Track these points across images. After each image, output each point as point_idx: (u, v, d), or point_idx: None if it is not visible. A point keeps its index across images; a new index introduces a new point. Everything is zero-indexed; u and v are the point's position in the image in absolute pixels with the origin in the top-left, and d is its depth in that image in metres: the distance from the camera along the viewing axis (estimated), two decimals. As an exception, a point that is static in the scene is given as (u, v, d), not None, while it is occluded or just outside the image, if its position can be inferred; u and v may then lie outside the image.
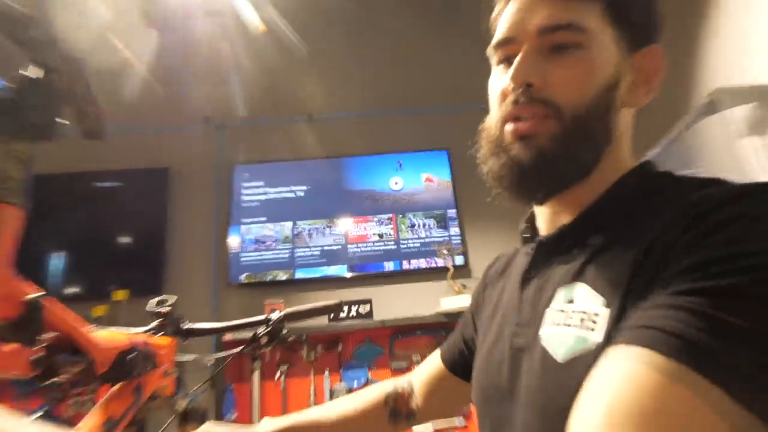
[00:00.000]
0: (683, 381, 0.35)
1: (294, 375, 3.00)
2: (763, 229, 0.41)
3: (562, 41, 0.59)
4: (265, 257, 3.26)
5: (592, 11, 0.59)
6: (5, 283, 0.61)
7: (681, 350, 0.36)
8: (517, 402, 0.59)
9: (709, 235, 0.42)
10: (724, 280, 0.38)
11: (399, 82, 3.77)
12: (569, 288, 0.56)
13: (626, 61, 0.61)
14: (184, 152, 3.55)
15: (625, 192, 0.60)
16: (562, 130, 0.58)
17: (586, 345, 0.49)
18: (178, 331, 1.15)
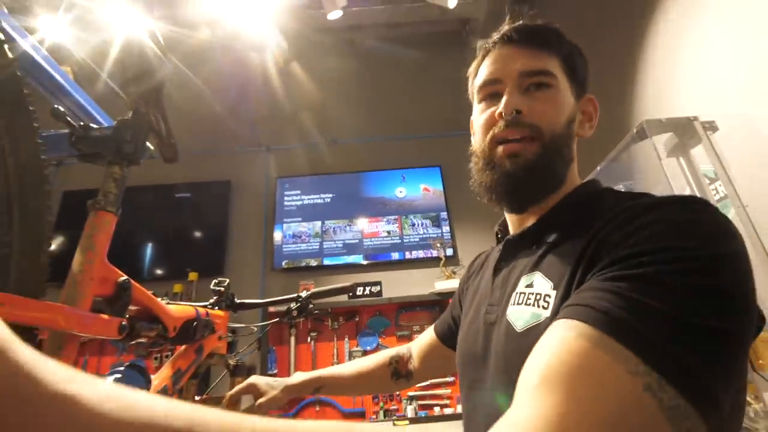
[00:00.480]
0: (604, 346, 0.34)
1: (321, 340, 3.02)
2: (676, 230, 0.41)
3: (538, 82, 0.61)
4: (301, 248, 3.28)
5: (555, 62, 0.62)
6: (102, 269, 0.64)
7: (604, 323, 0.36)
8: (488, 365, 0.59)
9: (635, 233, 0.42)
10: (641, 269, 0.38)
11: (402, 114, 3.78)
12: (529, 276, 0.56)
13: (575, 104, 0.64)
14: (241, 168, 3.58)
15: (575, 201, 0.60)
16: (543, 149, 0.59)
17: (539, 319, 0.50)
18: (231, 305, 1.17)
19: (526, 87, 0.61)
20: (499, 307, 0.60)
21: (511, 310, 0.56)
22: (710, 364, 0.34)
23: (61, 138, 0.71)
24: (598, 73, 2.56)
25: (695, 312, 0.35)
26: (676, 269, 0.38)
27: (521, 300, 0.55)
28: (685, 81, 1.81)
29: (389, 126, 3.74)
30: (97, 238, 0.64)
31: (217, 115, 3.66)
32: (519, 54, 0.62)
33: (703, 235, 0.40)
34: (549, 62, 0.61)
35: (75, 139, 0.71)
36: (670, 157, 1.46)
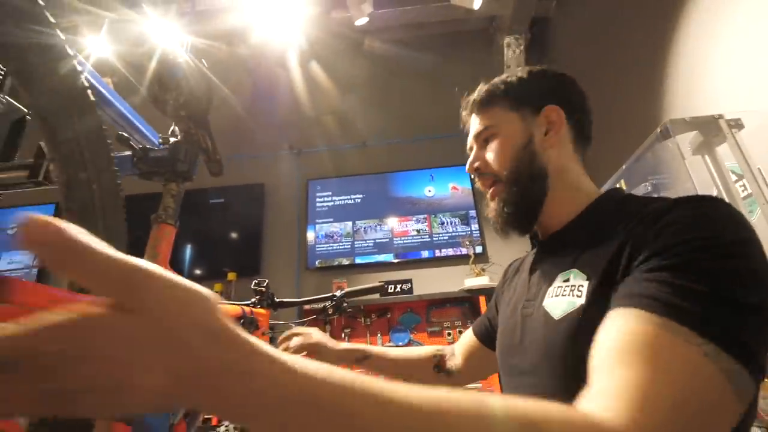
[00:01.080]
0: (663, 326, 0.40)
1: (354, 336, 3.11)
2: (697, 223, 0.47)
3: (485, 137, 0.73)
4: (333, 248, 3.39)
5: (499, 108, 0.73)
6: (166, 274, 0.74)
7: (657, 307, 0.41)
8: (525, 352, 0.63)
9: (663, 230, 0.48)
10: (676, 259, 0.44)
11: (430, 116, 3.81)
12: (566, 273, 0.60)
13: (534, 122, 0.70)
14: (274, 172, 3.73)
15: (600, 208, 0.65)
16: (507, 187, 0.69)
17: (574, 306, 0.55)
18: (271, 303, 1.27)
19: (481, 143, 0.74)
20: (535, 301, 0.65)
21: (548, 302, 0.61)
22: (754, 335, 0.40)
23: (124, 159, 0.81)
24: (625, 73, 2.55)
25: (729, 290, 0.41)
26: (704, 256, 0.43)
27: (558, 293, 0.60)
28: (711, 79, 1.79)
29: (417, 127, 3.79)
30: (160, 248, 0.74)
31: (247, 120, 3.81)
32: (472, 121, 0.77)
33: (720, 225, 0.46)
34: (490, 117, 0.73)
35: (136, 160, 0.81)
36: (696, 155, 1.46)
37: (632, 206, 0.59)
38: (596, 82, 3.03)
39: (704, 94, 1.87)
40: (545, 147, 0.69)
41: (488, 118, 0.73)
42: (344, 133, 3.82)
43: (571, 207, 0.68)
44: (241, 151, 3.75)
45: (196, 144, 0.89)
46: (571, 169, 0.70)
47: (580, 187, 0.70)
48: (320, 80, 3.94)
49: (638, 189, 1.82)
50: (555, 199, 0.68)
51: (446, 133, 3.73)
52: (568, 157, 0.71)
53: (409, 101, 3.91)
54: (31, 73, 0.52)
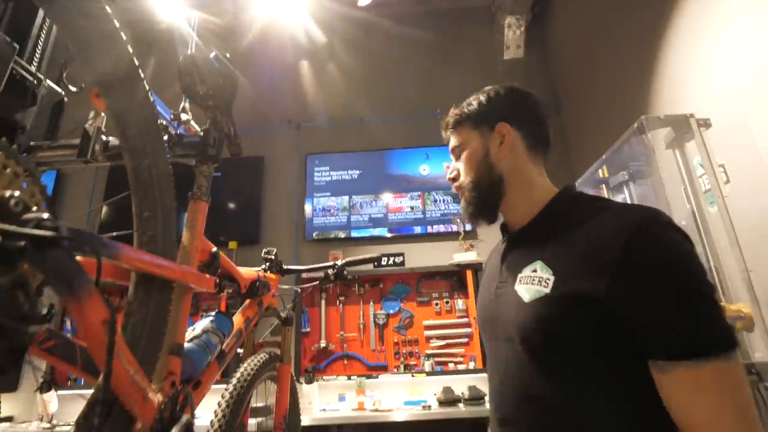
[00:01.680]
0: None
1: (349, 303, 3.31)
2: (653, 251, 0.61)
3: (457, 152, 0.89)
4: (330, 221, 3.54)
5: (465, 128, 0.88)
6: (202, 242, 0.89)
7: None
8: (500, 324, 0.78)
9: (626, 254, 0.61)
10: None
11: (428, 94, 3.90)
12: (533, 263, 0.73)
13: (490, 137, 0.85)
14: (273, 145, 3.83)
15: (557, 206, 0.79)
16: (469, 192, 0.85)
17: (540, 294, 0.69)
18: (280, 269, 1.43)
19: (456, 156, 0.90)
20: (507, 284, 0.79)
21: (518, 287, 0.74)
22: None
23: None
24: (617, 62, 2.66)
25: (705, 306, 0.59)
26: (677, 291, 0.59)
27: (527, 281, 0.73)
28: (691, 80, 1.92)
29: (414, 105, 3.88)
30: (197, 220, 0.89)
31: (249, 94, 3.88)
32: (450, 139, 0.92)
33: (661, 257, 0.61)
34: (459, 135, 0.89)
35: (172, 144, 0.95)
36: (668, 149, 1.61)
37: (584, 209, 0.73)
38: (591, 65, 3.15)
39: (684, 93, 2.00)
40: (500, 157, 0.84)
41: (458, 137, 0.89)
42: (343, 109, 3.91)
43: (530, 204, 0.82)
44: (242, 124, 3.83)
45: (221, 131, 1.02)
46: (525, 172, 0.84)
47: (535, 186, 0.83)
48: (321, 56, 4.00)
49: (617, 176, 1.98)
50: (515, 199, 0.83)
51: (442, 111, 3.83)
52: (523, 162, 0.84)
53: (407, 79, 3.99)
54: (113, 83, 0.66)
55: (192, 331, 0.90)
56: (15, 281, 0.33)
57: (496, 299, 0.81)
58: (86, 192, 3.62)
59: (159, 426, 0.64)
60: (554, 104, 3.83)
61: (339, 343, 3.20)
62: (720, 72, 1.78)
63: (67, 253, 0.41)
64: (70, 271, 0.43)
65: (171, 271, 0.71)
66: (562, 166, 3.57)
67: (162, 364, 0.73)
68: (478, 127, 0.86)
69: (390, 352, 3.16)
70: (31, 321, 0.35)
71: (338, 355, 3.17)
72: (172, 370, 0.74)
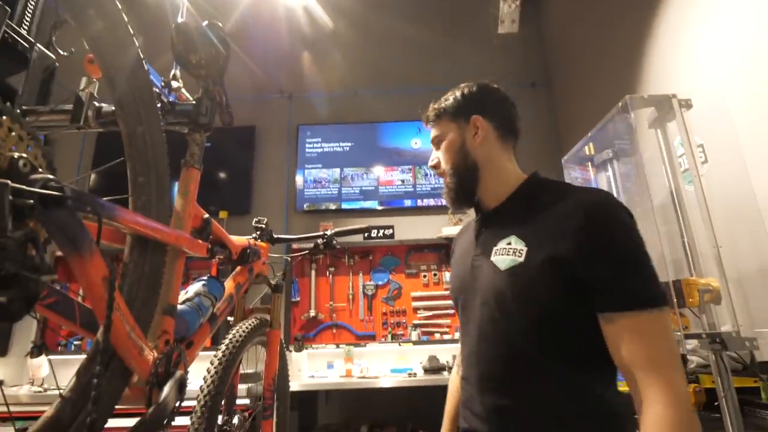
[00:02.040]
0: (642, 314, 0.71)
1: (338, 274, 3.38)
2: (606, 225, 0.74)
3: (437, 142, 0.99)
4: (321, 193, 3.56)
5: (442, 122, 0.98)
6: (194, 209, 0.92)
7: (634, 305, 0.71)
8: (476, 291, 0.88)
9: (588, 228, 0.74)
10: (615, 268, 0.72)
11: (419, 68, 3.88)
12: (508, 238, 0.84)
13: (465, 127, 0.95)
14: (265, 115, 3.80)
15: (526, 190, 0.91)
16: (450, 178, 0.95)
17: (515, 263, 0.80)
18: (270, 238, 1.46)
19: (436, 146, 0.99)
20: (482, 256, 0.89)
21: (494, 258, 0.84)
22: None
23: (157, 111, 0.96)
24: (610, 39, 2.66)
25: (648, 266, 0.73)
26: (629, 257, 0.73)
27: (503, 252, 0.83)
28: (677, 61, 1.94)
29: (408, 78, 3.86)
30: (189, 187, 0.92)
31: (240, 61, 3.82)
32: (431, 130, 1.01)
33: (613, 230, 0.75)
34: (438, 127, 0.98)
35: (164, 112, 0.97)
36: (651, 129, 1.65)
37: (550, 192, 0.86)
38: (582, 42, 3.15)
39: (669, 74, 2.03)
40: (474, 146, 0.94)
41: (438, 129, 0.99)
42: (336, 80, 3.87)
43: (503, 187, 0.93)
44: (234, 92, 3.78)
45: (214, 100, 1.04)
46: (497, 159, 0.95)
47: (506, 171, 0.94)
48: (315, 25, 3.92)
49: (602, 154, 2.02)
50: (488, 182, 0.93)
51: (436, 85, 3.82)
52: (495, 150, 0.95)
53: (402, 51, 3.94)
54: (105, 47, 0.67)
55: (185, 294, 0.94)
56: (27, 235, 0.36)
57: (472, 270, 0.91)
58: (74, 159, 3.58)
59: (154, 379, 0.68)
60: (546, 79, 3.83)
61: (328, 313, 3.28)
62: (703, 53, 1.81)
63: (71, 212, 0.44)
64: (74, 229, 0.46)
65: (165, 235, 0.75)
66: (552, 139, 3.61)
67: (156, 323, 0.77)
68: (455, 119, 0.96)
69: (378, 322, 3.26)
70: (42, 271, 0.38)
71: (327, 324, 3.25)
72: (166, 329, 0.78)
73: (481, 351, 0.84)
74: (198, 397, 1.00)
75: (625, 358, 0.70)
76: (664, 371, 0.66)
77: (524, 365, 0.78)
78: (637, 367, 0.68)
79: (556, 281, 0.75)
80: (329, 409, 3.07)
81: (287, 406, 1.58)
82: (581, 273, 0.73)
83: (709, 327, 1.36)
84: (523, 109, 3.58)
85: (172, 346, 0.77)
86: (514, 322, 0.79)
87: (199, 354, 0.94)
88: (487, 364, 0.83)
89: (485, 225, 0.94)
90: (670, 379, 0.66)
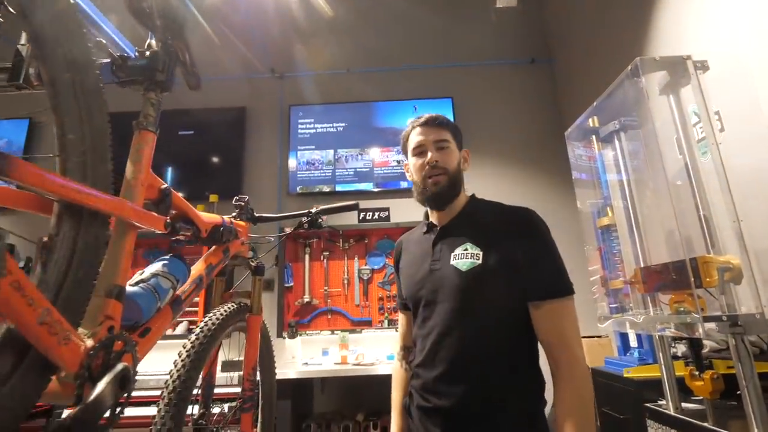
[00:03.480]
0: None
1: (333, 258, 3.27)
2: (539, 232, 1.00)
3: (442, 146, 1.09)
4: (314, 175, 3.43)
5: (448, 134, 1.10)
6: (149, 177, 0.80)
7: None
8: (436, 292, 1.02)
9: (523, 235, 0.99)
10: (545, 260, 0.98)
11: (416, 45, 3.72)
12: (464, 245, 1.02)
13: (459, 153, 1.12)
14: (255, 96, 3.65)
15: (472, 208, 1.10)
16: (449, 179, 1.07)
17: (474, 265, 0.98)
18: (250, 217, 1.35)
19: (437, 148, 1.08)
20: (441, 261, 1.04)
21: (453, 262, 1.01)
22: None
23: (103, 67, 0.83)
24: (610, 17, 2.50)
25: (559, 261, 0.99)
26: (549, 252, 0.99)
27: (462, 257, 1.01)
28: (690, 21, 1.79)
29: (403, 56, 3.70)
30: (142, 152, 0.79)
31: (228, 40, 3.66)
32: (432, 131, 1.10)
33: (544, 237, 1.00)
34: (445, 134, 1.10)
35: (115, 68, 0.84)
36: (663, 95, 1.51)
37: (487, 210, 1.09)
38: (586, 11, 2.98)
39: (681, 36, 1.88)
40: (462, 169, 1.12)
41: (444, 135, 1.10)
42: (328, 59, 3.71)
43: (458, 207, 1.11)
44: (222, 72, 3.64)
45: (173, 55, 0.90)
46: (463, 188, 1.12)
47: (461, 197, 1.11)
48: (305, 2, 3.74)
49: (608, 126, 1.89)
50: (458, 199, 1.10)
51: (432, 62, 3.67)
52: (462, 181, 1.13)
53: (396, 29, 3.78)
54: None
55: (140, 275, 0.82)
56: None
57: (430, 273, 1.05)
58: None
59: (86, 373, 0.57)
60: (546, 54, 3.67)
61: (323, 298, 3.18)
62: (718, 12, 1.66)
63: None
64: None
65: (102, 203, 0.62)
66: (553, 118, 3.47)
67: (96, 307, 0.65)
68: (455, 139, 1.12)
69: (374, 308, 3.16)
70: None
71: (322, 310, 3.15)
72: (110, 314, 0.66)
73: (445, 343, 0.98)
74: (165, 385, 0.90)
75: (547, 335, 0.94)
76: (571, 344, 0.92)
77: (482, 350, 0.96)
78: (557, 339, 0.93)
79: (506, 279, 0.96)
80: (325, 398, 2.98)
81: (273, 400, 1.48)
82: (524, 269, 0.95)
83: (728, 309, 1.24)
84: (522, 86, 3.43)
85: (116, 334, 0.66)
86: (475, 313, 0.97)
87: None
88: (452, 351, 0.97)
89: (441, 237, 1.08)
90: (574, 352, 0.92)
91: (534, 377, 0.98)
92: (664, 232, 1.68)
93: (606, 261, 2.00)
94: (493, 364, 0.95)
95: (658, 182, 1.54)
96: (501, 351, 0.96)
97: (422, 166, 1.08)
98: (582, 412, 0.89)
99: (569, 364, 0.91)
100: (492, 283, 0.96)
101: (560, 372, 0.91)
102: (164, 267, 0.86)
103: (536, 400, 0.97)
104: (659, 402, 1.69)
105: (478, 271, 0.97)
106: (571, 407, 0.89)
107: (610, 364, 2.17)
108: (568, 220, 3.28)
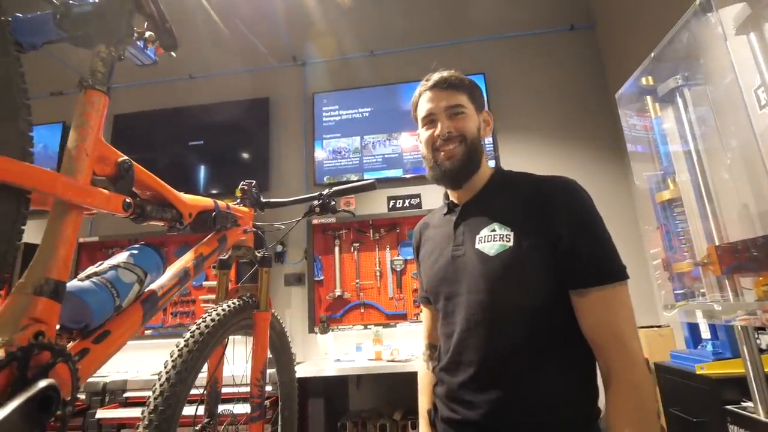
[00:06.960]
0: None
1: (364, 250, 3.11)
2: (584, 205, 0.83)
3: (456, 112, 0.92)
4: (341, 164, 3.27)
5: (463, 97, 0.93)
6: (99, 147, 0.64)
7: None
8: (460, 281, 0.87)
9: (563, 209, 0.82)
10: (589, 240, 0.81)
11: (443, 19, 3.47)
12: (491, 225, 0.87)
13: (479, 116, 0.96)
14: (279, 85, 3.53)
15: (498, 180, 0.95)
16: (467, 150, 0.91)
17: (505, 248, 0.83)
18: (255, 202, 1.19)
19: (449, 115, 0.92)
20: (464, 246, 0.89)
21: (479, 245, 0.86)
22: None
23: (44, 19, 0.68)
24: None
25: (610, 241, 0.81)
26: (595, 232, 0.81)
27: (488, 239, 0.86)
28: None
29: (429, 32, 3.46)
30: (90, 115, 0.63)
31: (248, 30, 3.54)
32: (443, 96, 0.93)
33: (589, 210, 0.83)
34: (460, 98, 0.93)
35: (59, 18, 0.68)
36: (740, 35, 1.23)
37: (517, 182, 0.92)
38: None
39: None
40: (481, 136, 0.96)
41: (458, 100, 0.92)
42: (351, 41, 3.52)
43: (479, 181, 0.95)
44: (243, 63, 3.54)
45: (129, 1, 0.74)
46: (485, 155, 0.96)
47: (485, 167, 0.96)
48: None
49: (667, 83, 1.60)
50: (478, 173, 0.94)
51: (461, 38, 3.41)
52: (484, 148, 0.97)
53: (420, 3, 3.54)
54: None
55: (96, 267, 0.67)
56: None
57: (453, 261, 0.90)
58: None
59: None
60: (587, 19, 3.33)
61: (355, 292, 3.02)
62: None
63: None
64: None
65: (11, 174, 0.47)
66: (597, 88, 3.13)
67: (16, 308, 0.50)
68: (473, 102, 0.95)
69: (409, 300, 2.97)
70: None
71: (354, 303, 3.00)
72: (38, 316, 0.51)
73: (471, 338, 0.84)
74: (146, 403, 0.74)
75: (595, 328, 0.77)
76: (626, 341, 0.74)
77: (516, 351, 0.80)
78: (602, 337, 0.76)
79: (544, 261, 0.79)
80: (360, 395, 2.83)
81: (294, 401, 1.33)
82: (565, 250, 0.79)
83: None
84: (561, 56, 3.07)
85: (42, 342, 0.50)
86: (506, 306, 0.81)
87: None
88: (480, 353, 0.82)
89: (463, 217, 0.94)
90: (631, 350, 0.74)
91: (586, 380, 0.80)
92: (740, 205, 1.40)
93: (668, 242, 1.72)
94: (532, 366, 0.79)
95: (737, 142, 1.26)
96: (540, 350, 0.79)
97: (433, 138, 0.93)
98: (643, 426, 0.70)
99: (625, 365, 0.73)
100: (526, 268, 0.80)
101: (614, 375, 0.74)
102: (130, 257, 0.71)
103: (588, 409, 0.79)
104: (743, 404, 1.45)
105: (509, 255, 0.81)
106: (630, 419, 0.70)
107: (678, 359, 1.89)
108: (620, 200, 2.96)
